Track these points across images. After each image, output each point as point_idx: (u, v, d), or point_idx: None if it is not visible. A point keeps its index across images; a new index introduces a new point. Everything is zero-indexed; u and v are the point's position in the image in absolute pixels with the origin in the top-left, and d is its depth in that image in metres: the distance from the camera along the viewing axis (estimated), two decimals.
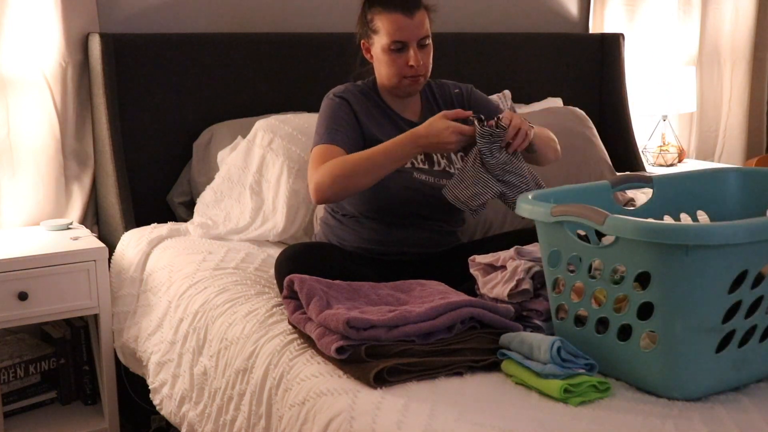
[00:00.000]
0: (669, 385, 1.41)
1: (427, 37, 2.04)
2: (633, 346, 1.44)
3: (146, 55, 2.65)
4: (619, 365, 1.47)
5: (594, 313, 1.51)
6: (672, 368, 1.40)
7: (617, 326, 1.46)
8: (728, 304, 1.38)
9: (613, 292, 1.46)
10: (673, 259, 1.34)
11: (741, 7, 4.04)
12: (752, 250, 1.36)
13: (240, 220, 2.45)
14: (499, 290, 1.70)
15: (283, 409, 1.56)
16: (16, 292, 2.26)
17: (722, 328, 1.38)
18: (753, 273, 1.38)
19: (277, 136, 2.47)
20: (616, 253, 1.43)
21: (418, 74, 2.03)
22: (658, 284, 1.38)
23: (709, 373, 1.41)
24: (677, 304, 1.37)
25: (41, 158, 2.60)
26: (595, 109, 3.56)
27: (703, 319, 1.37)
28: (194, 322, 2.00)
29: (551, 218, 1.52)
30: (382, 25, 2.01)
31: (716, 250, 1.33)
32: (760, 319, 1.43)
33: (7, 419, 2.40)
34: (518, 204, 1.60)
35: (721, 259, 1.34)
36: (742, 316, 1.40)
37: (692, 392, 1.40)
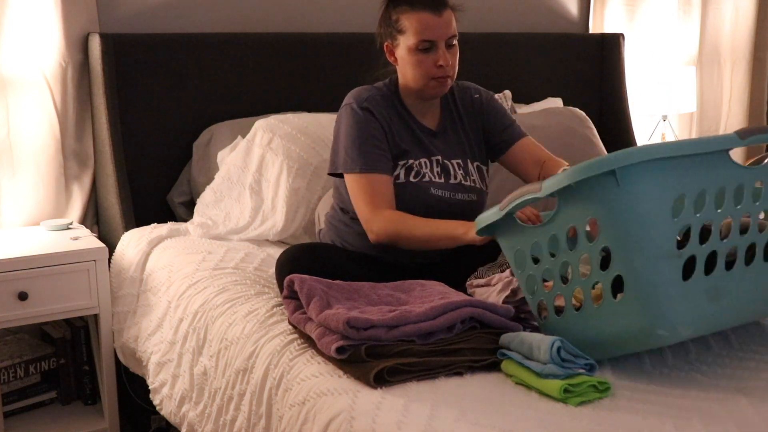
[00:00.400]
0: (651, 324, 1.42)
1: (454, 36, 1.99)
2: (608, 303, 1.46)
3: (146, 55, 2.65)
4: (604, 333, 1.49)
5: (567, 290, 1.53)
6: (646, 305, 1.42)
7: (589, 291, 1.49)
8: (676, 228, 1.42)
9: (575, 256, 1.49)
10: (607, 194, 1.39)
11: (741, 7, 4.04)
12: (682, 173, 1.40)
13: (240, 220, 2.45)
14: (493, 299, 1.71)
15: (283, 409, 1.56)
16: (16, 292, 2.26)
17: (680, 253, 1.42)
18: (691, 196, 1.42)
19: (276, 136, 2.47)
20: (564, 218, 1.48)
21: (447, 75, 1.98)
22: (604, 226, 1.42)
23: (684, 303, 1.43)
24: (627, 238, 1.40)
25: (41, 158, 2.60)
26: (595, 109, 3.56)
27: (657, 247, 1.40)
28: (194, 322, 2.00)
29: (501, 213, 1.57)
30: (410, 24, 1.95)
31: (645, 174, 1.37)
32: (717, 245, 1.46)
33: (7, 419, 2.40)
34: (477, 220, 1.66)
35: (652, 182, 1.38)
36: (696, 241, 1.44)
37: (675, 325, 1.42)
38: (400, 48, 2.00)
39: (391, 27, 2.00)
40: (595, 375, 1.45)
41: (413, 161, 2.00)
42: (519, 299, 1.70)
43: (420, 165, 2.01)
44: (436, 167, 2.03)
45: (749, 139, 1.48)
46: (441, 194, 2.01)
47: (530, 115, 2.94)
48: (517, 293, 1.70)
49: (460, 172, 2.05)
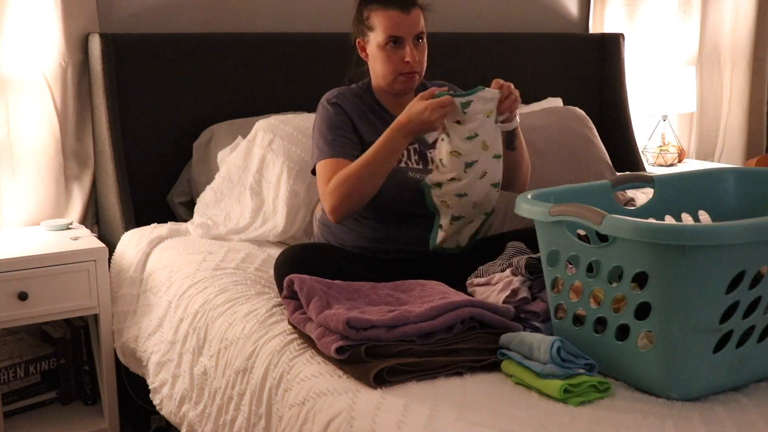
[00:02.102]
0: (666, 385, 1.41)
1: (422, 34, 2.06)
2: (631, 345, 1.44)
3: (146, 55, 2.65)
4: (617, 365, 1.47)
5: (592, 312, 1.51)
6: (669, 368, 1.40)
7: (615, 326, 1.47)
8: (726, 304, 1.38)
9: (611, 292, 1.46)
10: (669, 259, 1.34)
11: (741, 7, 4.04)
12: (749, 251, 1.36)
13: (240, 221, 2.45)
14: (494, 299, 1.71)
15: (283, 409, 1.56)
16: (16, 292, 2.26)
17: (720, 328, 1.38)
18: (751, 273, 1.38)
19: (277, 137, 2.47)
20: (613, 252, 1.43)
21: (414, 71, 2.04)
22: (655, 284, 1.38)
23: (706, 373, 1.40)
24: (674, 305, 1.37)
25: (41, 158, 2.60)
26: (595, 109, 3.56)
27: (701, 320, 1.37)
28: (194, 322, 2.00)
29: (549, 218, 1.52)
30: (379, 21, 2.03)
31: (713, 251, 1.33)
32: (758, 319, 1.43)
33: (7, 419, 2.40)
34: (517, 203, 1.60)
35: (718, 260, 1.34)
36: (739, 317, 1.40)
37: (690, 392, 1.40)
38: (370, 44, 2.07)
39: (362, 24, 2.08)
40: (595, 375, 1.45)
41: None
42: (519, 299, 1.70)
43: None
44: (414, 155, 2.08)
45: None
46: (420, 177, 2.03)
47: (530, 115, 2.94)
48: (517, 293, 1.70)
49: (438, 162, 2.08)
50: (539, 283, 1.72)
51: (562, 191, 1.68)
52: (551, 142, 2.77)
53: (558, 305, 1.59)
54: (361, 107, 2.09)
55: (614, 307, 1.47)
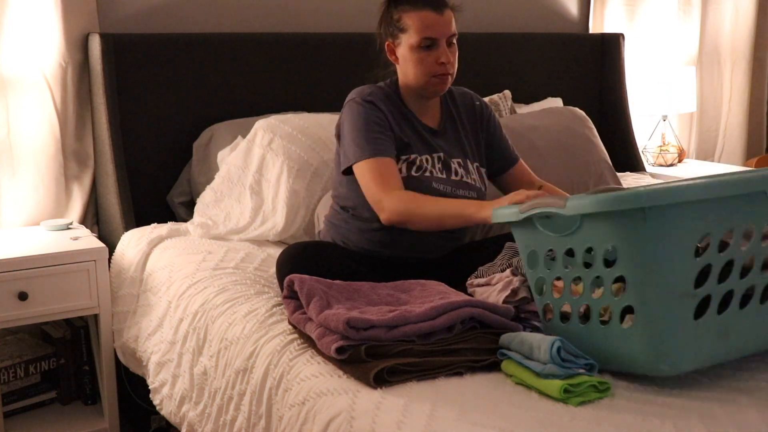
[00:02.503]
0: (654, 359, 1.41)
1: (455, 35, 2.02)
2: (615, 327, 1.45)
3: (146, 55, 2.65)
4: (607, 350, 1.48)
5: (575, 303, 1.52)
6: (654, 340, 1.40)
7: (597, 311, 1.48)
8: (697, 268, 1.39)
9: (589, 276, 1.47)
10: (633, 226, 1.36)
11: (741, 7, 4.04)
12: (711, 212, 1.38)
13: (240, 220, 2.45)
14: (494, 299, 1.71)
15: (283, 409, 1.56)
16: (16, 292, 2.26)
17: (696, 293, 1.39)
18: (717, 236, 1.39)
19: (277, 136, 2.47)
20: (583, 236, 1.45)
21: (447, 72, 2.00)
22: (624, 256, 1.39)
23: (692, 341, 1.41)
24: (645, 273, 1.38)
25: (41, 158, 2.60)
26: (595, 109, 3.56)
27: (675, 285, 1.38)
28: (194, 322, 2.00)
29: (520, 216, 1.55)
30: (412, 22, 1.98)
31: (675, 214, 1.35)
32: (735, 284, 1.44)
33: (7, 419, 2.40)
34: (493, 213, 1.65)
35: (680, 222, 1.35)
36: (714, 281, 1.41)
37: (679, 363, 1.40)
38: (401, 46, 2.02)
39: (392, 26, 2.02)
40: (595, 375, 1.45)
41: (416, 156, 2.02)
42: (519, 299, 1.70)
43: (422, 161, 2.02)
44: (438, 163, 2.04)
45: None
46: (443, 189, 2.02)
47: (530, 115, 2.94)
48: (517, 293, 1.70)
49: (461, 170, 2.06)
50: None
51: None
52: (551, 142, 2.77)
53: (545, 307, 1.60)
54: (391, 108, 2.04)
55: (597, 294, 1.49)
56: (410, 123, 2.05)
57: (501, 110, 2.99)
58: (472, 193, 2.06)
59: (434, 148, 2.05)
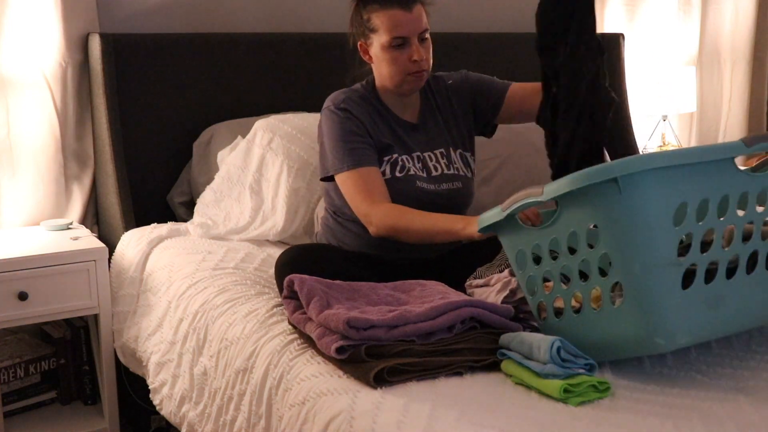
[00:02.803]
0: (649, 333, 1.41)
1: (426, 30, 2.01)
2: (607, 309, 1.46)
3: (146, 55, 2.65)
4: (603, 338, 1.49)
5: (565, 293, 1.53)
6: (645, 313, 1.41)
7: (588, 296, 1.49)
8: (677, 236, 1.40)
9: (574, 262, 1.48)
10: (609, 200, 1.38)
11: (741, 7, 4.04)
12: (685, 181, 1.39)
13: (240, 220, 2.45)
14: (492, 300, 1.71)
15: (283, 409, 1.56)
16: (16, 292, 2.26)
17: (680, 262, 1.40)
18: (693, 204, 1.41)
19: (276, 136, 2.47)
20: (564, 222, 1.48)
21: (422, 69, 2.01)
22: (605, 232, 1.41)
23: (682, 311, 1.42)
24: (627, 245, 1.40)
25: (41, 158, 2.60)
26: None
27: (658, 255, 1.39)
28: (194, 322, 2.00)
29: (503, 213, 1.56)
30: (381, 22, 1.98)
31: (647, 182, 1.36)
32: (719, 254, 1.45)
33: (7, 419, 2.40)
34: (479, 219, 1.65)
35: (654, 191, 1.37)
36: (697, 250, 1.42)
37: (672, 334, 1.41)
38: (373, 46, 2.02)
39: (363, 26, 2.03)
40: (595, 375, 1.45)
41: (397, 156, 2.03)
42: (518, 299, 1.70)
43: (404, 160, 2.03)
44: (417, 162, 2.05)
45: (755, 147, 1.45)
46: (426, 187, 2.03)
47: None
48: (515, 293, 1.70)
49: (442, 161, 2.07)
50: None
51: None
52: None
53: (538, 305, 1.61)
54: (368, 110, 2.04)
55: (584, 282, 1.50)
56: (387, 123, 2.06)
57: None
58: (457, 183, 2.06)
59: (411, 147, 2.05)
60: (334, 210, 2.11)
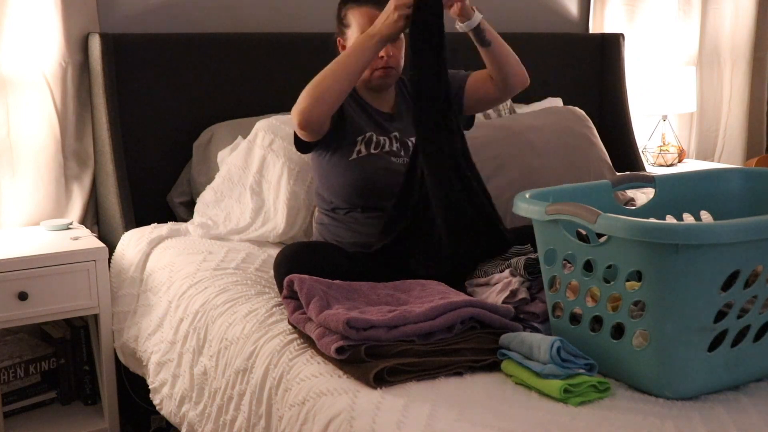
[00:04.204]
0: (661, 384, 1.41)
1: None
2: (626, 344, 1.44)
3: (146, 55, 2.65)
4: (613, 363, 1.48)
5: (588, 311, 1.51)
6: (663, 367, 1.40)
7: (610, 324, 1.47)
8: (720, 304, 1.38)
9: (607, 291, 1.46)
10: (663, 258, 1.35)
11: (741, 7, 4.04)
12: (744, 250, 1.36)
13: (240, 221, 2.45)
14: (492, 300, 1.71)
15: (283, 409, 1.56)
16: (16, 292, 2.26)
17: (714, 327, 1.38)
18: (745, 273, 1.38)
19: (278, 137, 2.47)
20: (608, 251, 1.44)
21: (389, 66, 2.07)
22: (649, 283, 1.38)
23: (701, 372, 1.41)
24: (668, 304, 1.37)
25: (41, 158, 2.60)
26: (595, 109, 3.56)
27: (695, 319, 1.37)
28: (194, 322, 2.00)
29: (546, 217, 1.53)
30: (354, 19, 2.06)
31: (707, 250, 1.33)
32: (753, 319, 1.43)
33: (7, 419, 2.40)
34: (515, 203, 1.62)
35: (711, 259, 1.34)
36: (734, 316, 1.40)
37: (684, 391, 1.40)
38: (348, 42, 2.09)
39: (340, 23, 2.12)
40: (595, 375, 1.45)
41: (371, 134, 2.08)
42: (518, 300, 1.70)
43: (379, 139, 2.09)
44: (396, 142, 2.11)
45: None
46: (401, 162, 2.07)
47: (530, 115, 2.94)
48: (516, 294, 1.70)
49: None
50: (538, 284, 1.72)
51: (561, 191, 1.69)
52: (551, 142, 2.77)
53: (555, 304, 1.59)
54: (351, 101, 2.11)
55: (612, 306, 1.48)
56: (365, 111, 2.13)
57: (501, 110, 2.99)
58: None
59: (389, 129, 2.12)
60: (325, 207, 2.16)
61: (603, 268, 1.46)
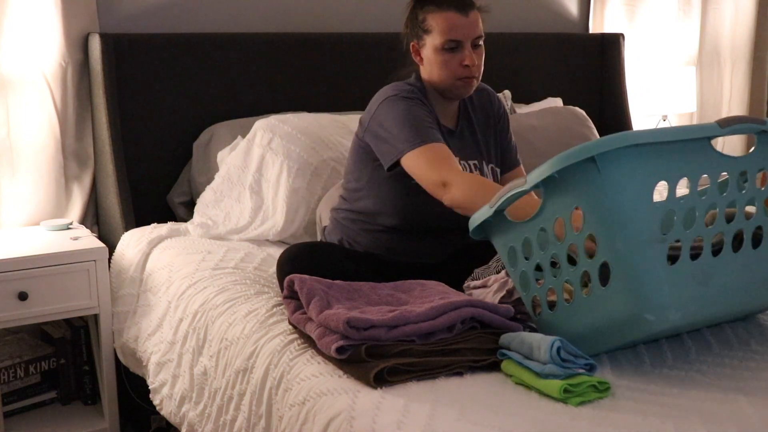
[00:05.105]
0: (639, 309, 1.43)
1: (480, 37, 2.01)
2: (596, 290, 1.47)
3: (146, 55, 2.65)
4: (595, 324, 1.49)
5: (556, 283, 1.54)
6: (632, 289, 1.42)
7: (578, 281, 1.50)
8: (659, 212, 1.43)
9: (563, 248, 1.50)
10: (590, 181, 1.41)
11: (741, 7, 4.04)
12: (662, 158, 1.42)
13: (240, 220, 2.45)
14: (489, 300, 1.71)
15: (283, 409, 1.56)
16: (16, 292, 2.26)
17: (663, 238, 1.42)
18: (672, 182, 1.43)
19: (276, 136, 2.47)
20: (549, 211, 1.50)
21: (472, 75, 1.99)
22: (588, 213, 1.44)
23: (670, 286, 1.43)
24: (611, 224, 1.42)
25: (41, 158, 2.60)
26: (595, 109, 3.56)
27: (640, 231, 1.41)
28: (194, 322, 2.01)
29: (491, 210, 1.58)
30: (436, 24, 1.97)
31: (626, 160, 1.39)
32: (702, 231, 1.47)
33: (7, 419, 2.40)
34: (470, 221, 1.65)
35: (633, 170, 1.40)
36: (680, 226, 1.44)
37: (662, 308, 1.42)
38: (426, 48, 2.01)
39: (417, 27, 2.01)
40: (595, 375, 1.45)
41: None
42: (515, 299, 1.70)
43: None
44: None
45: (729, 128, 1.48)
46: None
47: (530, 115, 2.94)
48: (513, 294, 1.70)
49: (476, 172, 2.06)
50: None
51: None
52: (551, 142, 2.78)
53: (533, 301, 1.61)
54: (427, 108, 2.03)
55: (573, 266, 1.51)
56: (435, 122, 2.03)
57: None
58: None
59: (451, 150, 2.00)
60: (355, 207, 2.08)
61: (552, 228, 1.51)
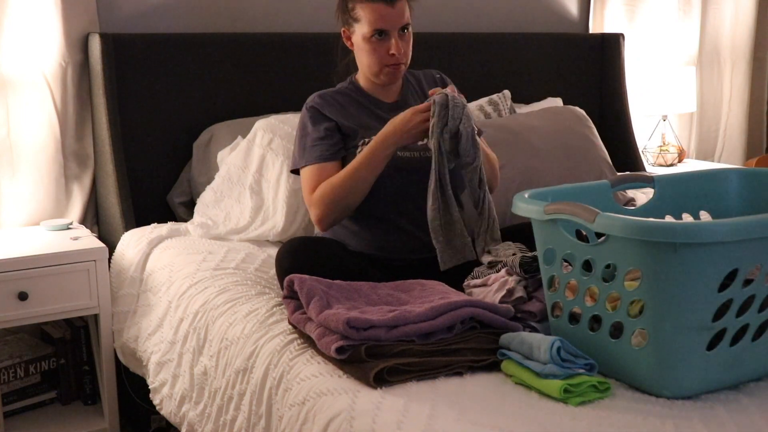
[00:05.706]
0: (659, 383, 1.41)
1: (408, 25, 2.05)
2: (624, 343, 1.45)
3: (146, 55, 2.65)
4: (612, 362, 1.48)
5: (587, 310, 1.51)
6: (662, 366, 1.40)
7: (609, 324, 1.47)
8: (719, 302, 1.38)
9: (605, 290, 1.46)
10: (661, 257, 1.35)
11: (741, 7, 4.04)
12: (742, 249, 1.36)
13: (240, 220, 2.45)
14: (490, 300, 1.71)
15: (283, 409, 1.56)
16: (16, 292, 2.26)
17: (713, 326, 1.38)
18: (744, 272, 1.38)
19: (276, 136, 2.47)
20: (607, 251, 1.44)
21: (399, 62, 2.05)
22: (647, 282, 1.38)
23: (699, 371, 1.41)
24: (667, 303, 1.37)
25: (41, 158, 2.60)
26: (595, 109, 3.56)
27: (693, 318, 1.37)
28: (194, 322, 2.00)
29: (544, 216, 1.53)
30: (364, 14, 2.02)
31: (705, 249, 1.33)
32: (752, 318, 1.43)
33: (7, 419, 2.40)
34: (514, 203, 1.62)
35: (709, 258, 1.34)
36: (733, 315, 1.40)
37: (683, 390, 1.40)
38: (355, 35, 2.08)
39: (347, 14, 2.08)
40: (595, 375, 1.45)
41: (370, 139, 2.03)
42: (515, 299, 1.70)
43: None
44: None
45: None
46: (409, 155, 2.05)
47: (530, 115, 2.94)
48: (513, 293, 1.70)
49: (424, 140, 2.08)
50: (534, 282, 1.72)
51: (560, 191, 1.69)
52: (551, 142, 2.77)
53: (554, 303, 1.59)
54: (343, 102, 2.11)
55: (611, 305, 1.48)
56: (368, 109, 2.11)
57: (501, 110, 2.99)
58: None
59: None
60: None
61: (602, 268, 1.46)
